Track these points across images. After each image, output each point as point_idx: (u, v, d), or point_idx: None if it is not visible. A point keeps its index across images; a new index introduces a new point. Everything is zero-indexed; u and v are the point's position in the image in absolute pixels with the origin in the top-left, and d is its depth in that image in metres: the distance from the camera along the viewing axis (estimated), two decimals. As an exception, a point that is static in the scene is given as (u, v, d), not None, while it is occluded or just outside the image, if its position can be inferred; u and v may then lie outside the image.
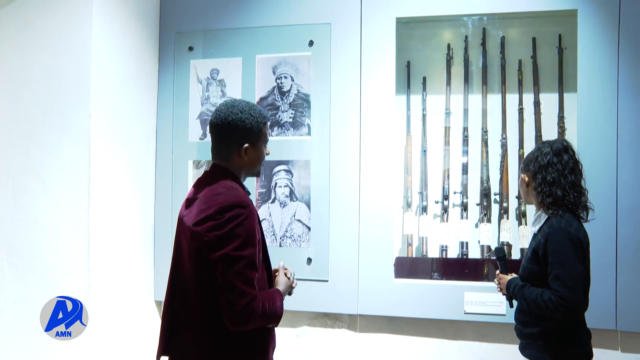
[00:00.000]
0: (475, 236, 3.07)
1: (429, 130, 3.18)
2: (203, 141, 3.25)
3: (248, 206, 1.78)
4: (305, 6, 3.13)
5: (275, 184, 3.14)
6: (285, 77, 3.15)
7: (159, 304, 3.33)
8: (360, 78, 3.04)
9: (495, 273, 2.41)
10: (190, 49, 3.27)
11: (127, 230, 3.06)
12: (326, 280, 3.04)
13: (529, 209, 3.00)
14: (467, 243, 3.07)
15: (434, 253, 3.11)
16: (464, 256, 3.06)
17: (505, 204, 3.04)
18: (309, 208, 3.09)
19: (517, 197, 3.03)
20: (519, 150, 3.05)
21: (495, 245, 3.00)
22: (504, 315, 2.81)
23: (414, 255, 3.12)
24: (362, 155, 3.03)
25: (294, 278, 2.06)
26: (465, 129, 3.13)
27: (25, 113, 2.80)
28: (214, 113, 1.89)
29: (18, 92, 2.80)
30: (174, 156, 3.28)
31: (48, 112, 2.77)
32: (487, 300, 2.86)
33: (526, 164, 2.26)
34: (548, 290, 2.09)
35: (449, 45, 3.18)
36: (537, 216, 2.23)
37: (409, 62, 3.22)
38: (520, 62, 3.10)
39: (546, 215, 2.18)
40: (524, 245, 2.96)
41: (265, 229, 3.13)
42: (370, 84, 3.03)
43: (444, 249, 3.08)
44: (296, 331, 3.12)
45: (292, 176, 3.11)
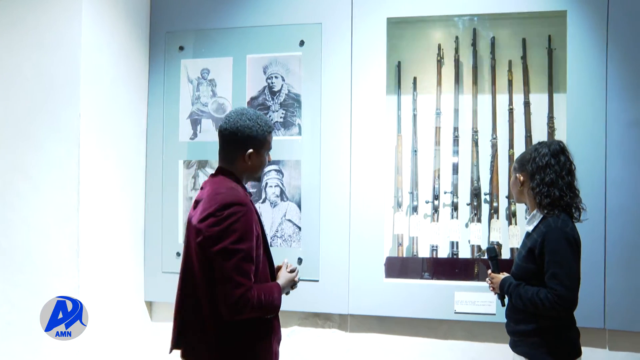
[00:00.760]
0: (466, 236, 3.08)
1: (419, 130, 3.18)
2: (193, 141, 3.24)
3: (246, 204, 1.89)
4: (296, 6, 3.13)
5: (266, 183, 3.14)
6: (276, 77, 3.15)
7: (149, 304, 3.32)
8: (351, 78, 3.05)
9: (487, 272, 2.43)
10: (181, 48, 3.26)
11: (117, 230, 3.04)
12: (317, 280, 3.04)
13: (519, 208, 3.01)
14: (458, 243, 3.07)
15: (424, 253, 3.12)
16: (455, 256, 3.07)
17: (495, 204, 3.05)
18: (300, 208, 3.09)
19: (507, 197, 3.04)
20: (509, 150, 3.06)
21: (485, 245, 3.01)
22: (494, 314, 2.83)
23: (404, 255, 3.13)
24: (353, 155, 3.03)
25: (297, 274, 2.15)
26: (455, 129, 3.14)
27: (15, 111, 2.78)
28: (223, 119, 2.02)
29: (7, 90, 2.79)
30: (164, 156, 3.27)
31: (37, 111, 2.76)
32: (478, 299, 2.87)
33: (522, 164, 2.28)
34: (544, 288, 2.12)
35: (439, 46, 3.19)
36: (532, 215, 2.26)
37: (399, 62, 3.23)
38: (510, 63, 3.11)
39: (541, 215, 2.20)
40: (514, 245, 2.97)
41: (255, 229, 3.12)
42: (360, 84, 3.04)
43: (434, 248, 3.09)
44: (287, 331, 3.11)
45: (283, 176, 3.11)
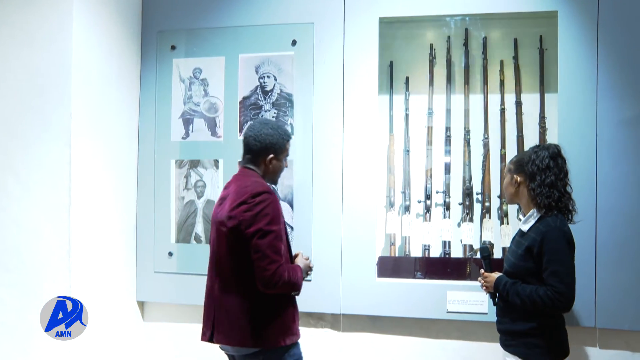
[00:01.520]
0: (458, 235, 3.09)
1: (411, 130, 3.19)
2: (185, 140, 3.23)
3: (273, 193, 2.19)
4: (288, 6, 3.12)
5: (258, 183, 3.13)
6: (268, 77, 3.14)
7: (141, 304, 3.31)
8: (343, 78, 3.05)
9: (480, 272, 2.44)
10: (173, 47, 3.26)
11: (109, 231, 3.03)
12: (309, 280, 3.02)
13: (511, 208, 3.03)
14: (450, 242, 3.08)
15: (416, 252, 3.12)
16: (447, 255, 3.07)
17: (487, 204, 3.06)
18: (292, 207, 3.09)
19: (499, 197, 3.05)
20: (501, 150, 3.07)
21: (477, 245, 3.02)
22: (486, 313, 2.84)
23: (396, 255, 3.13)
24: (345, 154, 3.03)
25: (311, 261, 2.45)
26: (447, 129, 3.15)
27: (5, 110, 2.77)
28: (248, 128, 2.30)
29: (-3, 90, 2.77)
30: (156, 155, 3.26)
31: (28, 110, 2.74)
32: (470, 299, 2.88)
33: (519, 165, 2.33)
34: (542, 286, 2.16)
35: (431, 46, 3.20)
36: (529, 215, 2.30)
37: (391, 62, 3.23)
38: (502, 63, 3.12)
39: (538, 215, 2.26)
40: (506, 244, 2.98)
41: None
42: (353, 83, 3.04)
43: (426, 248, 3.09)
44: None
45: (275, 175, 3.11)
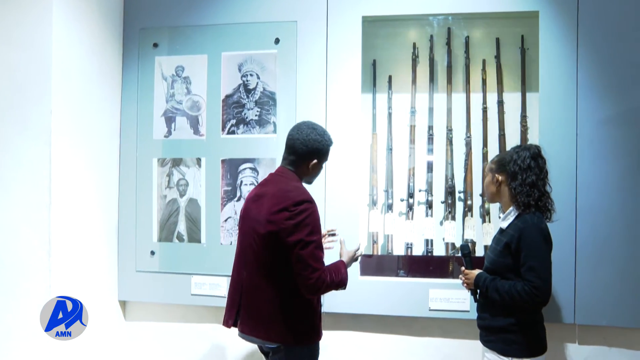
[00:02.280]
0: (440, 234, 3.11)
1: (394, 128, 3.20)
2: (168, 139, 3.21)
3: (314, 202, 2.22)
4: (272, 4, 3.12)
5: (241, 182, 3.12)
6: (251, 75, 3.13)
7: (122, 303, 3.29)
8: (326, 76, 3.05)
9: (461, 269, 2.47)
10: (155, 45, 3.23)
11: (90, 229, 3.01)
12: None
13: (493, 206, 3.05)
14: (432, 240, 3.10)
15: (399, 250, 3.14)
16: (429, 253, 3.09)
17: (469, 202, 3.08)
18: (275, 206, 3.08)
19: (481, 195, 3.07)
20: (483, 148, 3.09)
21: (459, 243, 3.04)
22: (468, 311, 2.86)
23: (379, 253, 3.14)
24: (328, 153, 3.03)
25: (359, 247, 2.57)
26: (430, 128, 3.16)
27: (-17, 109, 2.73)
28: (295, 130, 2.28)
29: (-25, 88, 2.73)
30: (138, 154, 3.24)
31: (7, 108, 2.71)
32: (452, 297, 2.90)
33: (501, 165, 2.37)
34: (519, 281, 2.20)
35: (414, 45, 3.21)
36: (508, 213, 2.35)
37: (374, 61, 3.24)
38: (484, 62, 3.15)
39: (516, 212, 2.30)
40: (488, 242, 3.00)
41: (230, 227, 3.11)
42: (336, 82, 3.04)
43: (409, 246, 3.10)
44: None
45: (258, 174, 3.10)
